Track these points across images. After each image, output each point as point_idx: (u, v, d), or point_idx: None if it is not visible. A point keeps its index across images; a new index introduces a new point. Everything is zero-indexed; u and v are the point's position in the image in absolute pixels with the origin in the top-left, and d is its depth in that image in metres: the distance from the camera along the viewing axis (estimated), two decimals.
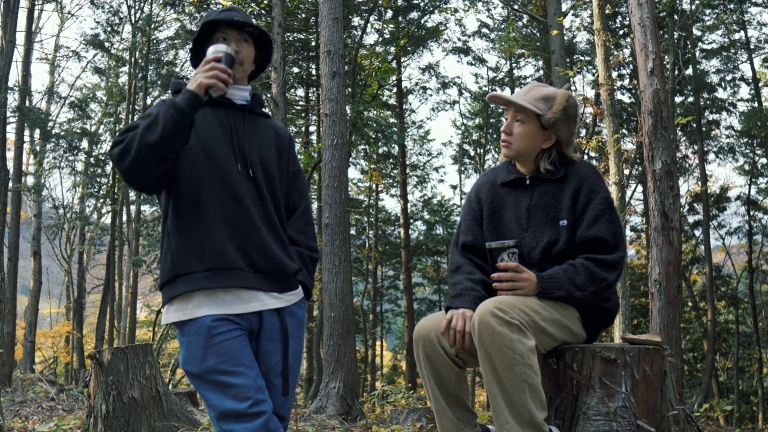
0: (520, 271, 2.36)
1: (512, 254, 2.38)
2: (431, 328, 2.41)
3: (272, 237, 2.07)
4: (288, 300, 2.11)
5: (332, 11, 8.51)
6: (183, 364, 2.01)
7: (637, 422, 2.27)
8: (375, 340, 23.25)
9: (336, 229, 8.10)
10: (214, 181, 2.02)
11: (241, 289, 2.01)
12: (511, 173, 2.59)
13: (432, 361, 2.39)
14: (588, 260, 2.38)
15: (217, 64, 1.96)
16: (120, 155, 1.90)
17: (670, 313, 5.35)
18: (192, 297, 1.98)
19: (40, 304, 18.99)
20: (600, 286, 2.36)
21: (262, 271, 2.04)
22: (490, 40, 19.94)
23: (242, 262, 2.01)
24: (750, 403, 16.89)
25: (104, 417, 4.10)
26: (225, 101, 2.13)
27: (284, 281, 2.10)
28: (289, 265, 2.10)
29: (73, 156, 18.54)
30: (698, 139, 16.65)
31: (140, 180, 1.95)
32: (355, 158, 20.21)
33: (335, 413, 7.46)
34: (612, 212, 2.44)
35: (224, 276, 1.98)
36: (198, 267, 1.98)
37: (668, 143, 5.52)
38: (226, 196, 2.02)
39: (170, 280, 2.01)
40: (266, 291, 2.05)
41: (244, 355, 1.97)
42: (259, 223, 2.05)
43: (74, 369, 20.73)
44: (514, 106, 2.52)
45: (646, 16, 5.73)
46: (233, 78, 2.11)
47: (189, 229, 2.01)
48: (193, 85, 1.93)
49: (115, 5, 18.36)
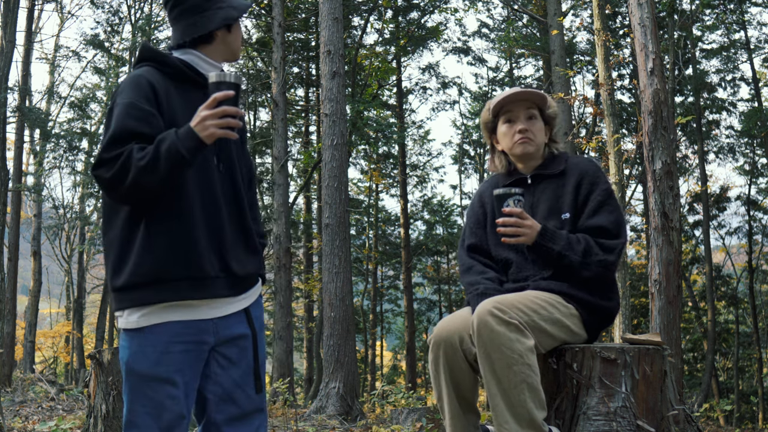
0: (524, 217, 2.38)
1: (518, 201, 2.39)
2: (453, 332, 2.38)
3: (243, 239, 2.00)
4: (253, 296, 2.06)
5: (332, 11, 8.51)
6: (131, 362, 1.87)
7: (637, 422, 2.27)
8: (375, 340, 23.25)
9: (336, 229, 8.10)
10: (194, 179, 1.90)
11: (219, 298, 1.93)
12: (512, 176, 2.64)
13: (451, 366, 2.37)
14: (589, 238, 2.43)
15: (229, 108, 1.77)
16: (110, 182, 1.78)
17: (670, 313, 5.35)
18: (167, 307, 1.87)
19: (40, 304, 18.99)
20: (593, 260, 2.38)
21: (235, 275, 1.96)
22: (490, 40, 19.94)
23: (218, 269, 1.92)
24: (750, 403, 16.88)
25: (104, 417, 4.10)
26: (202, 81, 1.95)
27: (252, 280, 2.05)
28: (255, 264, 2.03)
29: (73, 156, 18.54)
30: (698, 139, 16.65)
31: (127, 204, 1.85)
32: (355, 158, 20.21)
33: (335, 413, 7.46)
34: (613, 202, 2.49)
35: (202, 287, 1.88)
36: (180, 274, 1.85)
37: (668, 143, 5.52)
38: (205, 197, 1.91)
39: (140, 285, 1.84)
40: (235, 295, 1.99)
41: (188, 373, 1.90)
42: (233, 226, 1.97)
43: (74, 369, 20.74)
44: (528, 102, 2.59)
45: (646, 16, 5.73)
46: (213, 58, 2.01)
47: (168, 233, 1.85)
48: (202, 133, 1.77)
49: (115, 5, 18.37)
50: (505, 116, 2.60)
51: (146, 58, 1.96)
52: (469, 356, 2.35)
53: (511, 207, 2.37)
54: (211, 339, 1.94)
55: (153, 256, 1.84)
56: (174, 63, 1.95)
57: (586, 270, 2.39)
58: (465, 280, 2.57)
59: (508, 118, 2.60)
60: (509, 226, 2.38)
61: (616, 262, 2.43)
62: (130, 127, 1.80)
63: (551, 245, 2.38)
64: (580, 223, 2.47)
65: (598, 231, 2.43)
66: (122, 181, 1.75)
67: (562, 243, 2.39)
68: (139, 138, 1.80)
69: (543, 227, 2.39)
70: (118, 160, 1.76)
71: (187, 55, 2.00)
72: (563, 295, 2.41)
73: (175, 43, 2.02)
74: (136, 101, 1.84)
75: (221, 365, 1.98)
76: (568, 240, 2.39)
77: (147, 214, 1.85)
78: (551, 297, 2.39)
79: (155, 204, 1.84)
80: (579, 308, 2.42)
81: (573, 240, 2.40)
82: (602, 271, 2.41)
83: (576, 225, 2.47)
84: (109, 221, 1.92)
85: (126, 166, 1.75)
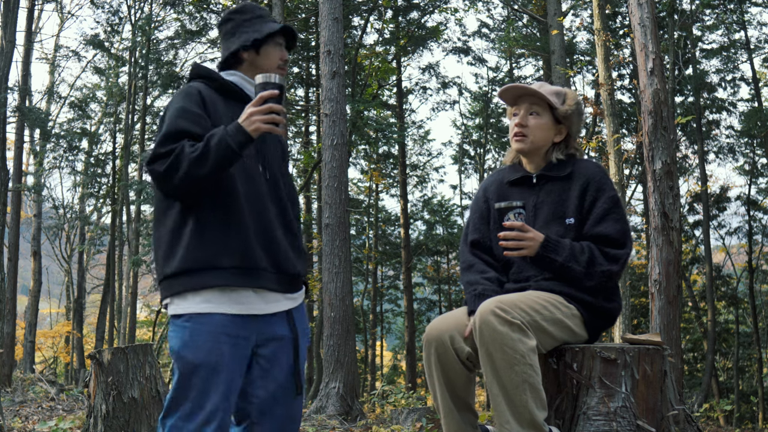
0: (525, 230, 2.36)
1: (518, 214, 2.38)
2: (444, 330, 2.38)
3: (290, 239, 2.12)
4: (297, 299, 2.15)
5: (332, 11, 8.52)
6: (180, 348, 1.95)
7: (637, 422, 2.27)
8: (375, 340, 23.26)
9: (336, 229, 8.10)
10: (242, 181, 2.03)
11: (264, 290, 2.03)
12: (517, 172, 2.60)
13: (443, 364, 2.37)
14: (594, 246, 2.41)
15: (274, 105, 1.90)
16: (165, 175, 1.90)
17: (670, 313, 5.35)
18: (216, 292, 1.96)
19: (40, 304, 18.99)
20: (597, 270, 2.37)
21: (283, 272, 2.06)
22: (490, 40, 19.95)
23: (267, 263, 2.02)
24: (750, 403, 16.88)
25: (104, 417, 4.10)
26: (246, 97, 2.15)
27: (298, 282, 2.14)
28: (301, 266, 2.14)
29: (73, 156, 18.56)
30: (698, 139, 16.65)
31: (179, 197, 1.98)
32: (355, 158, 20.22)
33: (335, 413, 7.46)
34: (619, 210, 2.46)
35: (252, 276, 1.99)
36: (228, 263, 1.96)
37: (668, 143, 5.52)
38: (252, 197, 2.04)
39: (194, 270, 1.95)
40: (284, 292, 2.08)
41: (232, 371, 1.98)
42: (279, 225, 2.08)
43: (74, 369, 20.74)
44: (532, 98, 2.54)
45: (646, 16, 5.73)
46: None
47: (218, 226, 1.98)
48: (249, 127, 1.89)
49: (115, 5, 18.37)
50: (513, 109, 2.58)
51: (196, 75, 2.16)
52: (461, 355, 2.35)
53: (511, 221, 2.37)
54: (254, 336, 2.02)
55: (204, 244, 1.96)
56: (220, 78, 2.15)
57: (589, 280, 2.38)
58: (465, 279, 2.56)
59: (513, 112, 2.58)
60: (511, 240, 2.37)
61: (620, 272, 2.42)
62: (182, 126, 1.96)
63: (554, 256, 2.36)
64: (585, 230, 2.44)
65: (604, 240, 2.41)
66: (176, 172, 1.88)
67: (565, 254, 2.36)
68: (190, 136, 1.96)
69: (546, 238, 2.37)
70: (171, 154, 1.90)
71: (230, 76, 2.20)
72: (565, 296, 2.40)
73: (219, 64, 2.25)
74: (187, 106, 2.02)
75: (263, 368, 2.06)
76: (571, 250, 2.37)
77: (198, 208, 1.98)
78: (553, 297, 2.38)
79: (206, 200, 1.97)
80: (580, 309, 2.41)
81: (577, 250, 2.38)
82: (606, 282, 2.40)
83: (580, 231, 2.45)
84: (160, 219, 2.05)
85: (179, 158, 1.88)
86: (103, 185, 19.22)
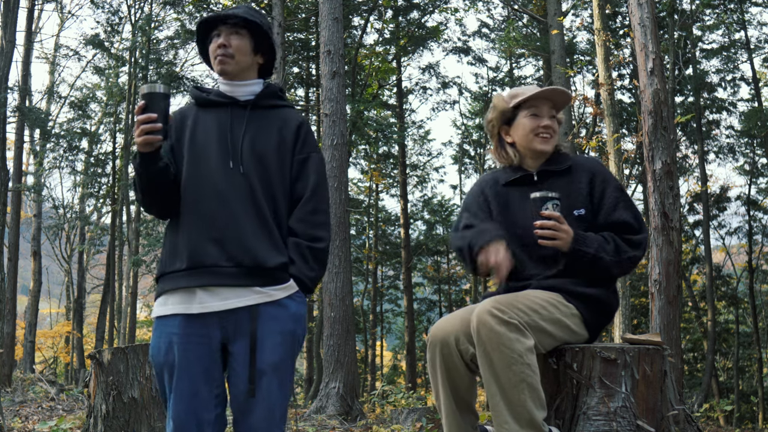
0: (562, 222, 2.37)
1: (556, 206, 2.38)
2: (450, 332, 2.37)
3: (259, 231, 2.05)
4: (272, 294, 2.04)
5: (332, 11, 8.52)
6: (150, 351, 2.11)
7: (637, 422, 2.27)
8: (375, 340, 23.26)
9: (336, 229, 8.10)
10: (202, 182, 2.08)
11: (218, 287, 2.01)
12: (516, 172, 2.60)
13: (447, 366, 2.36)
14: (615, 236, 2.44)
15: (142, 117, 1.95)
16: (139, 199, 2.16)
17: (670, 313, 5.35)
18: (172, 294, 2.06)
19: (40, 304, 19.00)
20: (624, 257, 2.40)
21: (242, 265, 2.02)
22: (490, 40, 19.94)
23: (222, 258, 2.01)
24: (750, 403, 16.88)
25: (104, 417, 4.10)
26: (228, 99, 2.17)
27: (269, 275, 2.04)
28: (273, 258, 2.04)
29: (73, 156, 18.54)
30: (698, 139, 16.65)
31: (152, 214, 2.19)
32: (355, 158, 20.22)
33: (335, 413, 7.46)
34: (627, 197, 2.53)
35: (200, 275, 2.01)
36: (179, 266, 2.04)
37: (668, 143, 5.52)
38: (211, 195, 2.06)
39: (159, 277, 2.12)
40: (247, 286, 2.02)
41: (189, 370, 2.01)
42: (244, 219, 2.04)
43: (74, 369, 20.74)
44: (561, 104, 2.61)
45: (646, 16, 5.73)
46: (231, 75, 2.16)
47: (175, 230, 2.11)
48: (138, 147, 2.03)
49: (115, 5, 18.37)
50: (530, 110, 2.57)
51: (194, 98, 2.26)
52: (465, 356, 2.34)
53: (550, 210, 2.36)
54: (218, 333, 2.02)
55: (165, 251, 2.13)
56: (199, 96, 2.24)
57: (618, 268, 2.42)
58: (458, 243, 2.55)
59: (534, 112, 2.57)
60: (548, 229, 2.37)
61: (643, 255, 2.46)
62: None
63: (586, 249, 2.37)
64: (601, 220, 2.47)
65: (622, 226, 2.45)
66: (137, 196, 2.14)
67: (595, 245, 2.38)
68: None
69: (575, 232, 2.38)
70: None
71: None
72: (564, 294, 2.40)
73: None
74: None
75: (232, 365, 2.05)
76: (599, 242, 2.40)
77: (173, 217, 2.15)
78: (552, 296, 2.38)
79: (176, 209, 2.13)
80: (580, 307, 2.41)
81: (601, 240, 2.41)
82: (632, 268, 2.44)
83: (590, 222, 2.48)
84: None
85: (134, 185, 2.14)
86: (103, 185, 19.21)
